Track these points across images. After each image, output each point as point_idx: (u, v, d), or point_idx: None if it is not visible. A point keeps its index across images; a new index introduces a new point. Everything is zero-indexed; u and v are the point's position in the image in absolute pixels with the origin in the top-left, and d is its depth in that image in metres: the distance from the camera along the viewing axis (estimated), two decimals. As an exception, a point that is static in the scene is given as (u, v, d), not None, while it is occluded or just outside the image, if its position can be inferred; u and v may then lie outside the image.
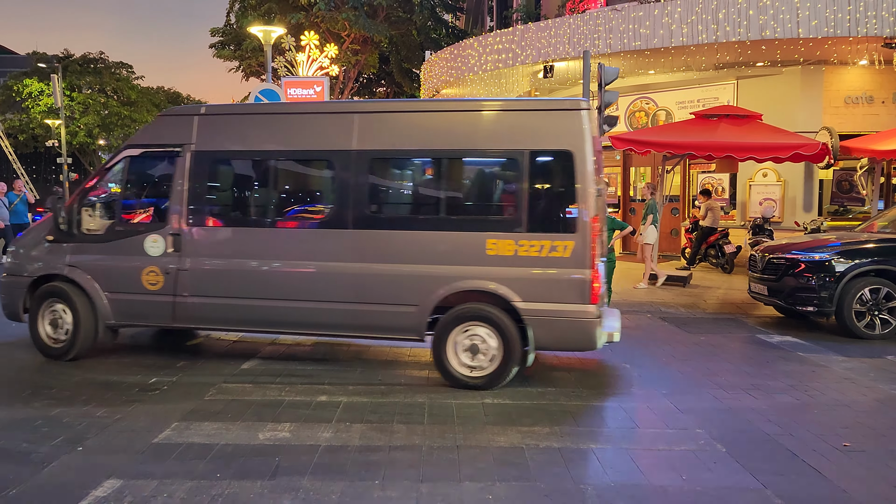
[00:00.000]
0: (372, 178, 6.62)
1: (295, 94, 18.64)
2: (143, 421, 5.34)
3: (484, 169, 6.64)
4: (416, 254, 6.36)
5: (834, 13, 11.67)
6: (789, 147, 11.01)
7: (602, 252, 6.81)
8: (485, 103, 6.63)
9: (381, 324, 6.50)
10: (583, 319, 6.02)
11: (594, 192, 6.03)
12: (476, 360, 6.22)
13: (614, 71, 11.46)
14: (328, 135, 6.70)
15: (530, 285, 6.09)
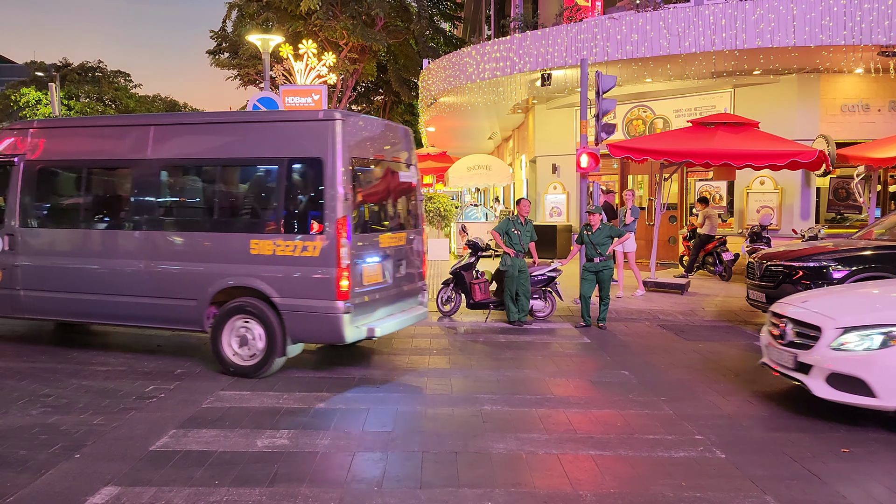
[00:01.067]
0: (159, 185, 7.44)
1: (293, 102, 18.68)
2: (140, 428, 5.32)
3: (249, 176, 7.31)
4: (193, 253, 7.09)
5: (829, 22, 11.74)
6: (786, 155, 11.04)
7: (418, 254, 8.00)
8: (252, 115, 7.63)
9: (172, 316, 7.23)
10: (330, 314, 6.50)
11: (343, 196, 6.51)
12: (245, 350, 6.83)
13: (612, 79, 11.50)
14: (129, 145, 7.54)
15: (286, 282, 6.66)
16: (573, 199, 17.70)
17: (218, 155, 7.20)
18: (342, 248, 6.48)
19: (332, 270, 6.48)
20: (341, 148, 6.58)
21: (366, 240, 6.96)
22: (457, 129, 24.83)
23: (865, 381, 5.21)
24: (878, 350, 5.23)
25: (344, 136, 6.63)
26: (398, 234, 7.68)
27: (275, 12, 21.72)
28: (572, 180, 16.87)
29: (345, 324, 6.51)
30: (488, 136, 27.86)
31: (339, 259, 6.47)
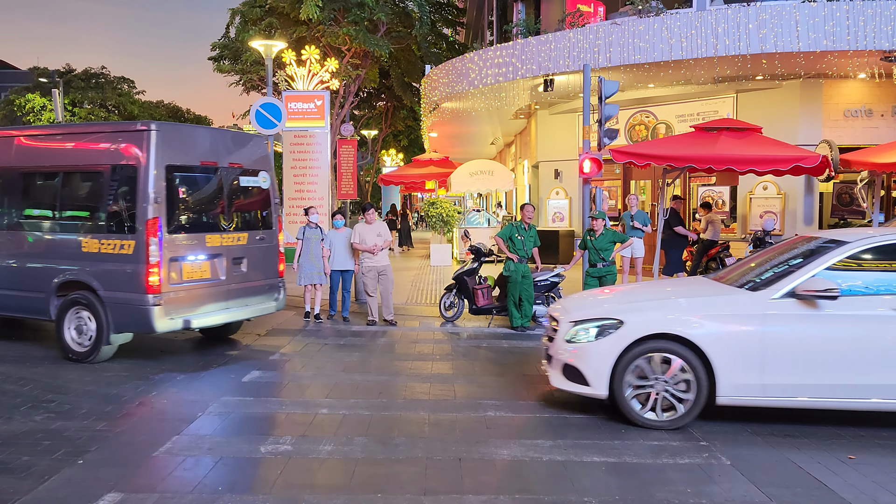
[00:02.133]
0: (18, 190, 8.35)
1: (295, 107, 18.72)
2: (143, 434, 5.31)
3: (83, 181, 8.04)
4: (39, 251, 8.06)
5: (833, 27, 11.73)
6: (789, 160, 11.00)
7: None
8: (85, 126, 8.65)
9: (29, 306, 8.10)
10: (142, 306, 7.30)
11: (153, 199, 7.32)
12: (82, 338, 7.68)
13: (614, 84, 11.49)
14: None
15: (109, 277, 7.51)
16: (576, 204, 17.69)
17: (60, 163, 8.08)
18: (151, 246, 7.30)
19: (142, 267, 7.30)
20: (154, 155, 7.40)
21: (188, 239, 7.73)
22: (459, 134, 24.84)
23: (581, 370, 5.67)
24: (592, 342, 5.67)
25: (158, 145, 7.44)
26: (237, 234, 8.41)
27: (277, 18, 21.74)
28: (575, 185, 16.87)
29: (155, 315, 7.32)
30: (490, 142, 27.87)
31: (149, 256, 7.30)
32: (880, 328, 5.34)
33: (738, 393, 5.44)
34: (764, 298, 5.53)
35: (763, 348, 5.37)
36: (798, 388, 5.37)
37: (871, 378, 5.28)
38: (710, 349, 5.41)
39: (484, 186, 19.78)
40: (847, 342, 5.34)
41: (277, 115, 14.76)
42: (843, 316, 5.36)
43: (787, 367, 5.35)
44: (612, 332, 5.59)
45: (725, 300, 5.82)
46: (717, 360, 5.40)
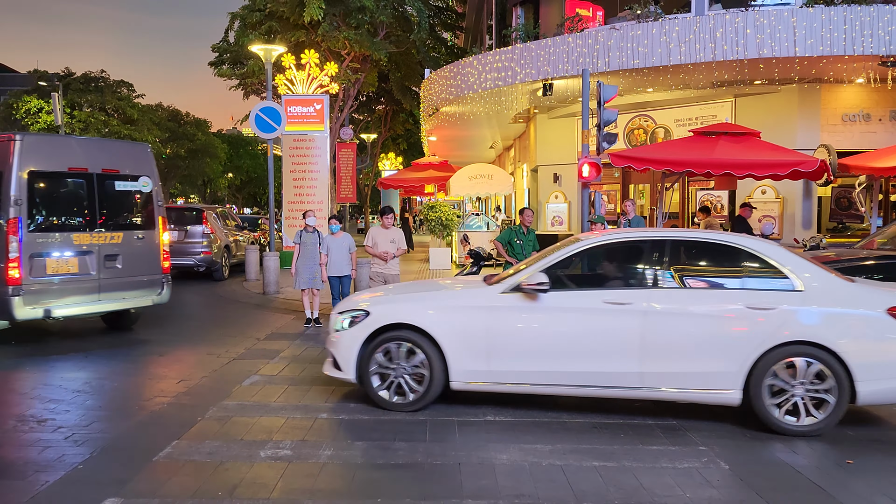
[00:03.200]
0: None
1: (295, 111, 18.76)
2: (143, 439, 5.31)
3: None
4: None
5: (830, 32, 11.78)
6: (788, 164, 11.05)
7: None
8: None
9: None
10: (3, 297, 8.17)
11: (13, 201, 8.21)
12: None
13: (613, 89, 11.54)
14: None
15: None
16: (574, 208, 17.71)
17: None
18: (11, 243, 8.17)
19: (2, 262, 8.17)
20: (17, 162, 8.27)
21: (52, 237, 8.58)
22: (458, 138, 24.88)
23: (336, 356, 6.25)
24: (345, 330, 6.19)
25: (21, 153, 8.30)
26: (111, 233, 9.22)
27: (278, 22, 21.77)
28: (574, 189, 16.90)
29: (15, 305, 8.21)
30: (490, 146, 27.91)
31: (8, 252, 8.16)
32: (592, 319, 5.76)
33: (468, 378, 5.94)
34: (494, 292, 6.03)
35: (489, 337, 5.87)
36: (521, 375, 5.87)
37: (586, 366, 5.72)
38: (442, 338, 5.92)
39: (483, 190, 19.82)
40: (563, 332, 5.81)
41: (277, 119, 14.81)
42: (560, 308, 5.86)
43: (510, 354, 5.84)
44: (360, 322, 6.12)
45: (463, 293, 6.40)
46: (448, 348, 5.90)
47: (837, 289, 5.69)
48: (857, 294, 5.70)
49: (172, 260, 15.91)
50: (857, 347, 5.45)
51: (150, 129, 39.74)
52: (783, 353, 5.46)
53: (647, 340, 5.63)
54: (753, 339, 5.49)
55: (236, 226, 19.69)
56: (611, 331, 5.70)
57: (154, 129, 40.49)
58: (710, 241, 6.19)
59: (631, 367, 5.65)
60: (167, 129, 43.94)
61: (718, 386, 5.56)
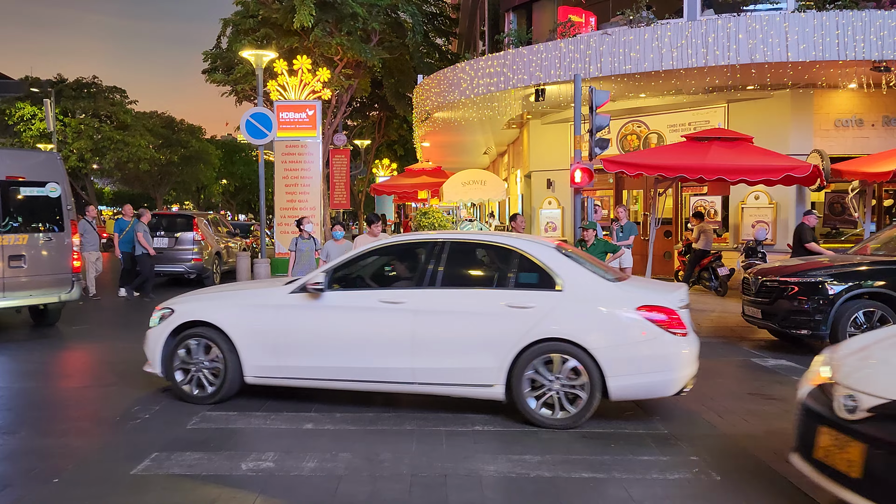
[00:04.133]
0: None
1: (287, 117, 18.64)
2: (122, 451, 5.19)
3: None
4: None
5: (822, 37, 11.76)
6: (781, 169, 11.02)
7: None
8: None
9: None
10: None
11: None
12: None
13: (605, 94, 11.50)
14: None
15: None
16: (568, 214, 17.65)
17: None
18: None
19: None
20: None
21: None
22: (452, 144, 24.82)
23: (146, 352, 6.61)
24: (155, 327, 6.57)
25: None
26: (16, 235, 9.88)
27: (271, 28, 21.70)
28: (567, 195, 16.83)
29: None
30: (483, 152, 27.86)
31: None
32: (369, 318, 6.04)
33: (261, 373, 6.26)
34: (285, 291, 6.33)
35: (277, 335, 6.19)
36: (307, 370, 6.14)
37: (364, 362, 5.98)
38: (235, 335, 6.23)
39: (476, 196, 19.75)
40: (343, 330, 6.07)
41: (268, 125, 14.74)
42: (340, 307, 6.16)
43: (297, 351, 6.14)
44: (167, 319, 6.47)
45: (259, 293, 6.72)
46: (241, 344, 6.22)
47: (596, 288, 5.88)
48: (613, 293, 5.86)
49: (163, 267, 15.98)
50: (608, 344, 5.61)
51: (143, 135, 39.62)
52: (541, 350, 5.68)
53: (417, 338, 5.90)
54: (512, 336, 5.70)
55: (228, 232, 19.55)
56: (385, 328, 5.98)
57: (147, 136, 40.37)
58: (483, 242, 6.55)
59: (403, 363, 5.91)
60: (161, 136, 43.84)
61: (482, 381, 5.77)
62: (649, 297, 5.77)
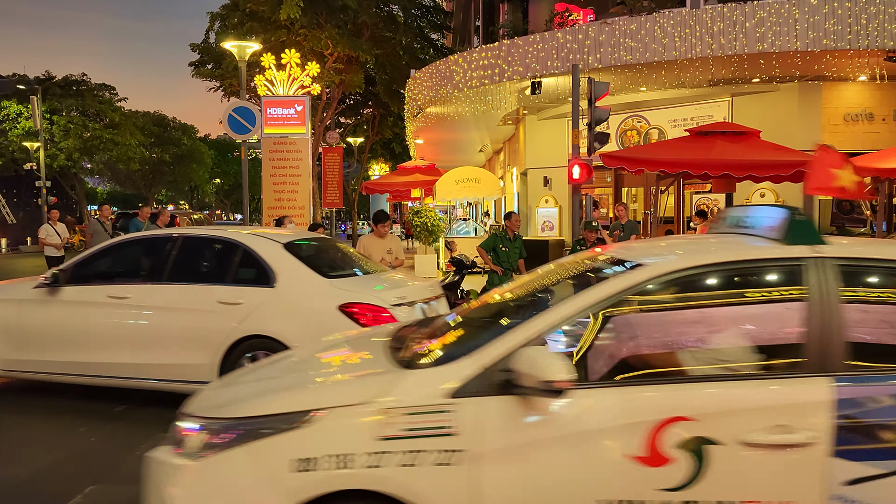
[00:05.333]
0: None
1: (275, 113, 18.01)
2: (59, 483, 4.55)
3: None
4: None
5: (833, 25, 11.16)
6: (790, 164, 10.38)
7: None
8: None
9: None
10: None
11: None
12: None
13: (604, 85, 10.90)
14: None
15: None
16: (566, 212, 17.04)
17: None
18: None
19: None
20: None
21: None
22: (446, 141, 24.21)
23: None
24: None
25: None
26: None
27: (258, 22, 21.08)
28: (565, 193, 16.23)
29: None
30: (479, 149, 27.26)
31: None
32: (98, 313, 6.02)
33: (7, 367, 6.31)
34: (30, 286, 6.34)
35: (19, 329, 6.25)
36: (47, 365, 6.16)
37: (95, 356, 5.95)
38: None
39: (470, 194, 19.13)
40: (75, 325, 6.06)
41: (251, 120, 14.08)
42: (74, 302, 6.13)
43: (36, 345, 6.17)
44: None
45: (7, 287, 6.73)
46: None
47: (308, 286, 5.77)
48: (324, 291, 5.73)
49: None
50: (305, 341, 5.32)
51: (132, 133, 38.95)
52: (248, 347, 5.60)
53: (140, 333, 5.92)
54: (221, 332, 5.64)
55: (214, 232, 18.90)
56: (112, 323, 5.98)
57: (137, 134, 39.69)
58: (211, 236, 6.59)
59: (128, 358, 5.91)
60: (152, 134, 43.20)
61: (199, 377, 5.59)
62: (360, 295, 5.65)
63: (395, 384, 2.75)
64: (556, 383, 2.50)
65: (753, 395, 2.68)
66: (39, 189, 31.69)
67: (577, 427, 2.64)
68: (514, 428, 2.61)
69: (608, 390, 2.76)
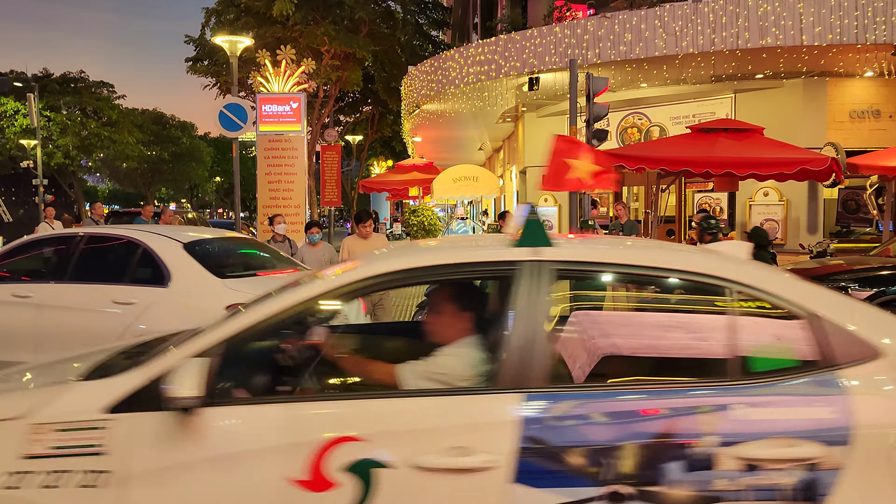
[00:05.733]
0: None
1: (270, 110, 17.71)
2: None
3: None
4: None
5: (840, 19, 10.82)
6: (795, 162, 10.03)
7: None
8: None
9: None
10: None
11: None
12: None
13: (603, 80, 10.56)
14: None
15: None
16: (565, 212, 16.73)
17: None
18: None
19: None
20: None
21: None
22: (444, 139, 23.91)
23: None
24: None
25: None
26: None
27: (253, 18, 20.80)
28: (564, 192, 15.90)
29: None
30: (478, 147, 26.94)
31: None
32: (2, 311, 5.95)
33: None
34: None
35: None
36: None
37: (5, 355, 5.72)
38: None
39: (468, 193, 18.79)
40: None
41: (242, 117, 13.82)
42: None
43: None
44: None
45: None
46: None
47: (200, 285, 5.70)
48: (214, 291, 5.64)
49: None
50: None
51: (130, 131, 38.67)
52: None
53: (39, 332, 5.87)
54: (114, 332, 5.53)
55: (207, 231, 18.63)
56: (14, 322, 5.91)
57: (135, 132, 39.42)
58: (113, 236, 6.40)
59: (28, 356, 5.73)
60: (150, 132, 42.90)
61: None
62: (249, 296, 5.48)
63: (56, 397, 2.49)
64: (183, 400, 2.25)
65: (432, 413, 2.36)
66: (37, 187, 31.47)
67: (231, 448, 2.34)
68: (166, 448, 2.35)
69: (272, 406, 2.46)
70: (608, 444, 2.24)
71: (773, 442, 2.24)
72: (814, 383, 2.34)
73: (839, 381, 2.33)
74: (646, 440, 2.25)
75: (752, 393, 2.33)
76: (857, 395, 2.31)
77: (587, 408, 2.31)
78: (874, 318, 2.53)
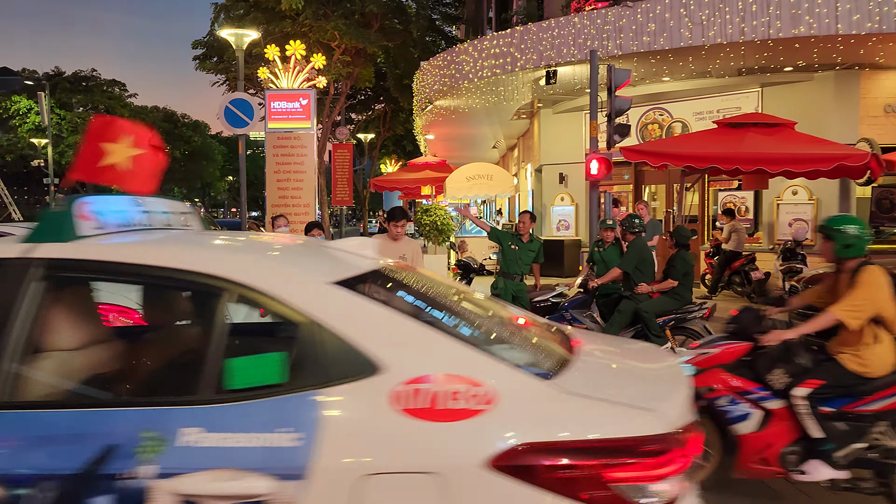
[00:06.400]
0: None
1: (279, 107, 17.25)
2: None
3: None
4: None
5: (880, 5, 10.15)
6: (831, 158, 9.40)
7: None
8: None
9: None
10: None
11: None
12: None
13: (626, 72, 10.01)
14: None
15: None
16: (582, 211, 16.14)
17: None
18: None
19: None
20: None
21: None
22: (457, 136, 23.35)
23: None
24: None
25: None
26: None
27: (262, 12, 20.35)
28: (581, 190, 15.32)
29: None
30: (493, 145, 26.36)
31: None
32: None
33: None
34: None
35: None
36: None
37: None
38: None
39: (482, 192, 18.24)
40: None
41: (249, 113, 13.39)
42: None
43: None
44: None
45: None
46: None
47: None
48: None
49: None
50: None
51: (142, 129, 38.47)
52: None
53: None
54: None
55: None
56: None
57: (146, 130, 39.22)
58: None
59: None
60: (162, 131, 42.72)
61: None
62: (110, 296, 5.19)
63: None
64: None
65: None
66: (48, 186, 31.30)
67: None
68: None
69: None
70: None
71: (216, 474, 1.95)
72: (280, 405, 2.04)
73: (314, 402, 2.02)
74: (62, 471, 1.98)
75: (203, 416, 2.03)
76: (330, 419, 2.01)
77: None
78: (396, 330, 2.19)
